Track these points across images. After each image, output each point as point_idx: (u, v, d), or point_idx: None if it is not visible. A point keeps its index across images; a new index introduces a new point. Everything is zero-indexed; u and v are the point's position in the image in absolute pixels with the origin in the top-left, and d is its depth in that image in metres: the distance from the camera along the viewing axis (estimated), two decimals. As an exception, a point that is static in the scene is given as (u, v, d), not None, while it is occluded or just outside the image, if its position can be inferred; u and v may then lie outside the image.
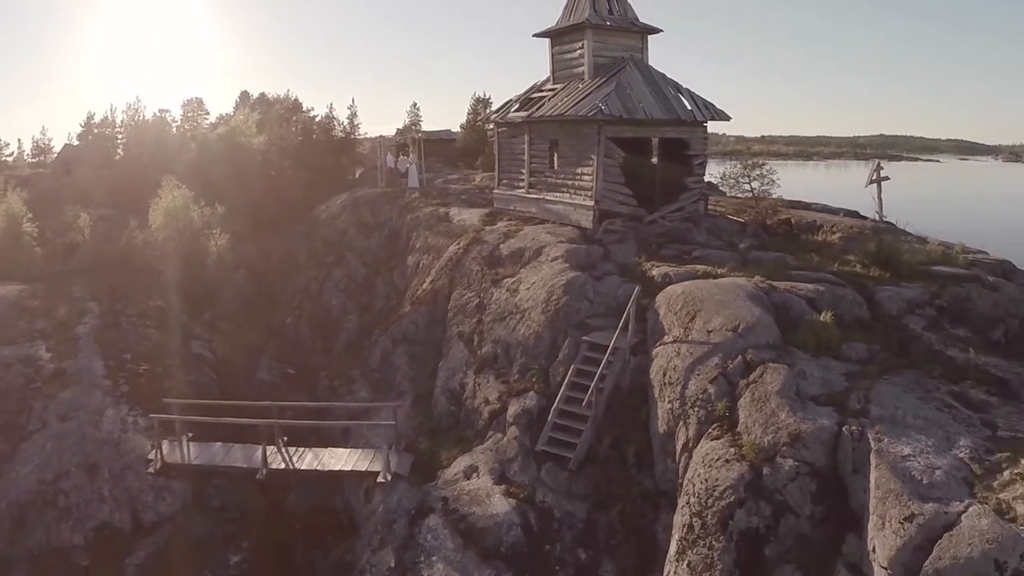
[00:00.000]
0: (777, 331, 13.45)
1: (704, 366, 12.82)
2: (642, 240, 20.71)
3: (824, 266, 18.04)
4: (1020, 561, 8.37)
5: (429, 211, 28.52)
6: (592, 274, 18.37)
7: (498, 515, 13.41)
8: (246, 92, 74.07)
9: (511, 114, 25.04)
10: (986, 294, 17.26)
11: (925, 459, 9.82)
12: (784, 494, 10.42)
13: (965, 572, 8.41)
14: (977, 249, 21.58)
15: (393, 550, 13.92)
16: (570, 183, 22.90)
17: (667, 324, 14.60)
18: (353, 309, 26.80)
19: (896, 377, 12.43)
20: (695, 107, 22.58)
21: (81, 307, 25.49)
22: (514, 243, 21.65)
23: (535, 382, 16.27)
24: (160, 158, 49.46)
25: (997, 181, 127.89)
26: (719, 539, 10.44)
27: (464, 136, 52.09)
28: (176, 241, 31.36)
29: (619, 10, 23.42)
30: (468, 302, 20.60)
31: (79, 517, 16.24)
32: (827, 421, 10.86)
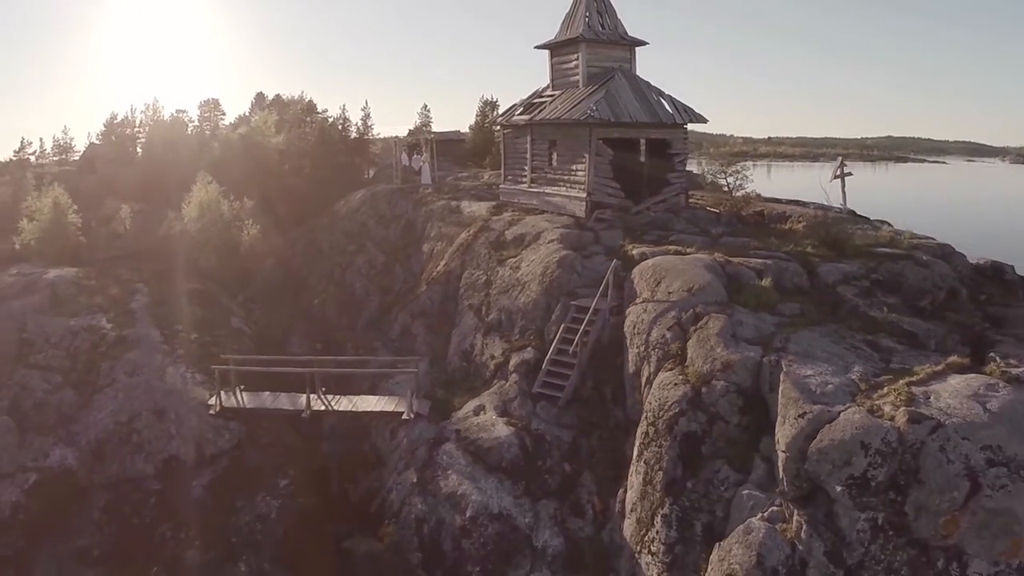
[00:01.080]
0: (724, 292, 16.85)
1: (664, 318, 16.24)
2: (628, 227, 24.12)
3: (780, 247, 21.38)
4: (880, 443, 11.73)
5: (442, 204, 31.98)
6: (582, 254, 21.81)
7: (500, 438, 16.87)
8: (262, 93, 77.96)
9: (515, 117, 28.57)
10: (918, 270, 20.60)
11: (822, 378, 13.20)
12: (717, 407, 13.82)
13: (838, 450, 11.79)
14: (924, 236, 24.97)
15: (415, 470, 17.39)
16: (566, 178, 26.38)
17: (639, 289, 18.03)
18: (374, 291, 30.30)
19: (818, 328, 15.79)
20: (675, 111, 26.03)
21: (130, 287, 28.98)
22: (517, 229, 25.11)
23: (532, 339, 19.74)
24: (182, 156, 53.44)
25: (989, 184, 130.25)
26: (667, 440, 13.85)
27: (473, 137, 55.69)
28: (209, 231, 34.95)
29: (610, 25, 26.91)
30: (477, 279, 24.06)
31: (150, 451, 19.76)
32: (753, 354, 14.26)
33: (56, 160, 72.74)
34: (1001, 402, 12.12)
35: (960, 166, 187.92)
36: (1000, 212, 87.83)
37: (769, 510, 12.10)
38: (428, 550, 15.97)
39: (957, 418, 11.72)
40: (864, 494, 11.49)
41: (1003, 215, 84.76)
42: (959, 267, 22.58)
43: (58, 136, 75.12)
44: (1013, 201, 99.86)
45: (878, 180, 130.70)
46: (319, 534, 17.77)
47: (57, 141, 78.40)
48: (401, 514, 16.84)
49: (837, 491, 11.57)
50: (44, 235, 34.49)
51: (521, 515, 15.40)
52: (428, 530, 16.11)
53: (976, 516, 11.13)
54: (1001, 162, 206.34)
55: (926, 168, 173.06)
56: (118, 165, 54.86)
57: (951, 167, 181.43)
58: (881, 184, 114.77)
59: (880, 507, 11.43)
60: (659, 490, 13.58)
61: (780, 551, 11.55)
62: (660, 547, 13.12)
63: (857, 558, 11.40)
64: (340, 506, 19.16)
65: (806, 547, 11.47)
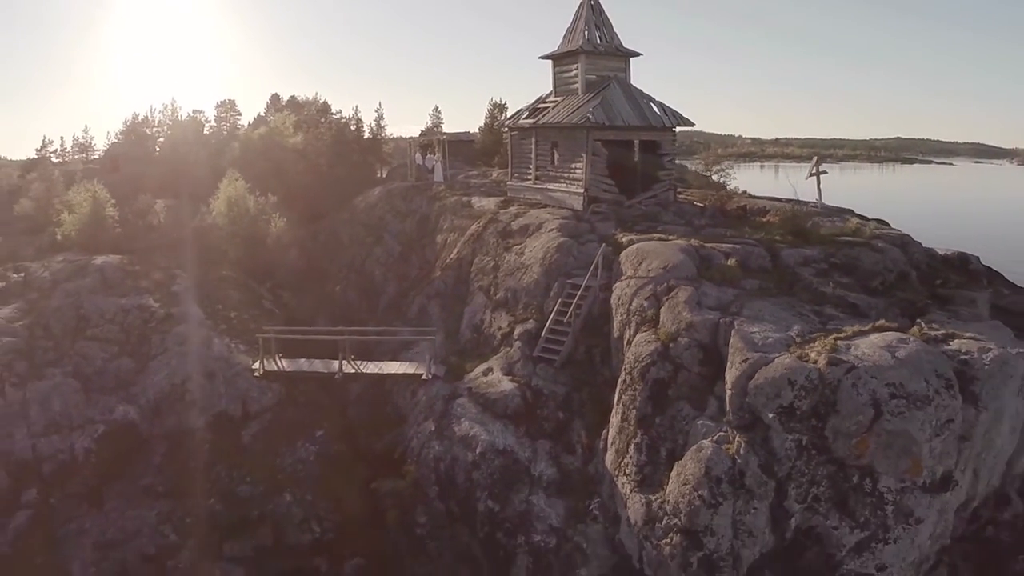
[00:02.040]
0: (695, 270, 20.08)
1: (643, 291, 19.47)
2: (621, 219, 27.34)
3: (752, 236, 24.63)
4: (804, 380, 14.92)
5: (454, 200, 35.28)
6: (578, 241, 25.05)
7: (505, 392, 20.16)
8: (277, 95, 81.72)
9: (521, 121, 31.88)
10: (872, 255, 23.75)
11: (765, 334, 16.43)
12: (681, 359, 17.05)
13: (771, 386, 15.00)
14: (894, 228, 28.18)
15: (433, 420, 20.70)
16: (566, 175, 29.66)
17: (624, 269, 21.27)
18: (392, 278, 33.63)
19: (772, 299, 19.01)
20: (664, 115, 29.29)
21: (170, 273, 32.30)
22: (522, 221, 28.36)
23: (533, 313, 23.01)
24: (202, 154, 57.00)
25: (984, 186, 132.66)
26: (640, 385, 17.09)
27: (482, 138, 59.14)
28: (237, 224, 38.33)
29: (606, 38, 30.19)
30: (486, 264, 27.35)
31: (202, 407, 23.11)
32: (712, 317, 17.48)
33: (78, 158, 76.62)
34: (908, 352, 15.35)
35: (967, 168, 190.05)
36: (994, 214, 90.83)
37: (717, 435, 15.35)
38: (444, 483, 19.28)
39: (868, 362, 14.95)
40: (791, 420, 14.73)
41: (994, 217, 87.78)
42: (915, 254, 25.73)
43: (77, 135, 79.08)
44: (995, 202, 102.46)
45: (877, 181, 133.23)
46: (350, 476, 21.09)
47: (77, 140, 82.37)
48: (421, 456, 20.15)
49: (770, 418, 14.81)
50: (84, 226, 37.84)
51: (522, 451, 18.67)
52: (444, 467, 19.42)
53: (880, 437, 14.35)
54: (1009, 164, 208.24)
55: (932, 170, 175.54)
56: (141, 163, 58.51)
57: (958, 169, 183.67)
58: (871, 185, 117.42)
59: (804, 431, 14.67)
60: (633, 425, 16.84)
61: (723, 464, 14.78)
62: (633, 469, 16.38)
63: (785, 471, 14.63)
64: (367, 456, 22.44)
65: (744, 461, 14.71)
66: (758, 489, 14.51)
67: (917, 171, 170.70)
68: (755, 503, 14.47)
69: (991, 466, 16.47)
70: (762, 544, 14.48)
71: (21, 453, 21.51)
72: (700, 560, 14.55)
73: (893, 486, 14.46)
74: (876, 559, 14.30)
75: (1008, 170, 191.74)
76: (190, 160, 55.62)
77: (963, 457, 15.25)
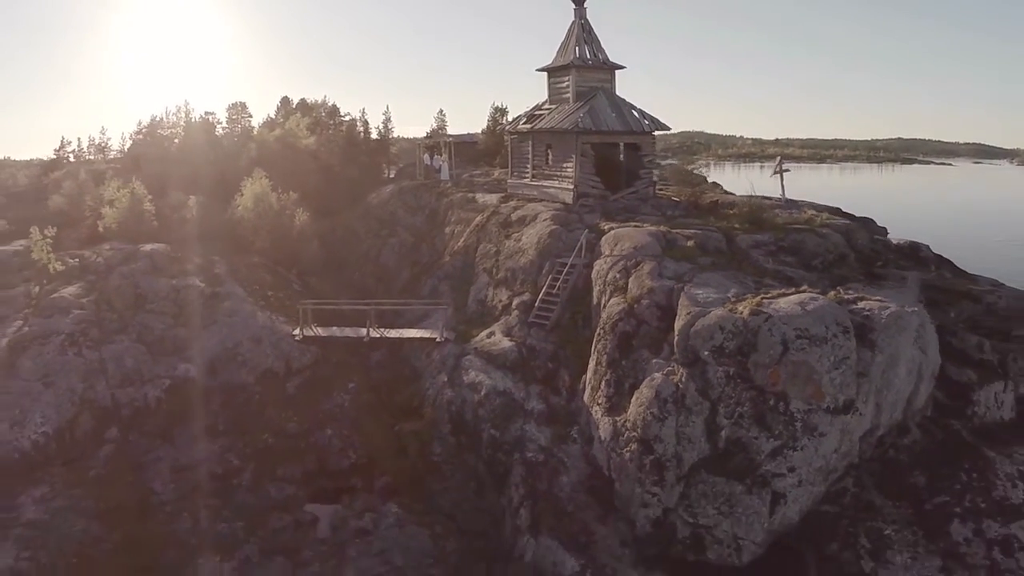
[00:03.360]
0: (660, 249, 25.15)
1: (616, 265, 24.55)
2: (605, 211, 32.42)
3: (715, 224, 29.70)
4: (731, 326, 19.95)
5: (460, 196, 40.41)
6: (567, 229, 30.14)
7: (505, 348, 25.26)
8: (287, 98, 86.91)
9: (519, 126, 37.05)
10: (816, 239, 28.82)
11: (707, 295, 21.49)
12: (643, 315, 22.12)
13: (706, 330, 20.00)
14: (843, 218, 33.33)
15: (446, 373, 25.80)
16: (559, 174, 34.78)
17: (603, 250, 26.36)
18: (405, 265, 38.76)
19: (721, 272, 24.03)
20: (644, 121, 34.43)
21: (209, 259, 37.30)
22: (520, 212, 33.46)
23: (528, 288, 28.10)
24: (219, 154, 62.12)
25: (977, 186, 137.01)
26: (611, 336, 22.17)
27: (485, 139, 64.41)
28: (263, 218, 43.45)
29: (594, 53, 35.34)
30: (489, 250, 32.45)
31: (252, 366, 28.17)
32: (669, 284, 22.56)
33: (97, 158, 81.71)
34: (815, 306, 20.38)
35: (966, 168, 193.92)
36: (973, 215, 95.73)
37: (666, 369, 20.43)
38: (455, 421, 24.38)
39: (782, 313, 20.00)
40: (721, 357, 19.78)
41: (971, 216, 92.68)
42: (857, 240, 30.79)
43: (93, 136, 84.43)
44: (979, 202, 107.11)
45: (868, 181, 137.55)
46: (378, 419, 26.17)
47: (92, 141, 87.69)
48: (436, 401, 25.27)
49: (705, 355, 19.87)
50: (124, 219, 42.93)
51: (518, 392, 23.77)
52: (455, 408, 24.52)
53: (788, 368, 19.38)
54: (1009, 164, 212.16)
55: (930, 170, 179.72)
56: (159, 162, 63.61)
57: (956, 169, 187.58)
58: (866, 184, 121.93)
59: (731, 365, 19.71)
60: (604, 367, 21.92)
61: (669, 389, 19.86)
62: (603, 399, 21.46)
63: (717, 394, 19.66)
64: (390, 407, 27.51)
65: (685, 387, 19.78)
66: (695, 408, 19.56)
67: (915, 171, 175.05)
68: (693, 418, 19.52)
69: (893, 402, 21.40)
70: (699, 450, 19.51)
71: (102, 401, 26.55)
72: (652, 462, 19.59)
73: (801, 407, 19.47)
74: (787, 463, 19.27)
75: (1006, 170, 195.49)
76: (209, 159, 60.76)
77: (863, 390, 20.21)
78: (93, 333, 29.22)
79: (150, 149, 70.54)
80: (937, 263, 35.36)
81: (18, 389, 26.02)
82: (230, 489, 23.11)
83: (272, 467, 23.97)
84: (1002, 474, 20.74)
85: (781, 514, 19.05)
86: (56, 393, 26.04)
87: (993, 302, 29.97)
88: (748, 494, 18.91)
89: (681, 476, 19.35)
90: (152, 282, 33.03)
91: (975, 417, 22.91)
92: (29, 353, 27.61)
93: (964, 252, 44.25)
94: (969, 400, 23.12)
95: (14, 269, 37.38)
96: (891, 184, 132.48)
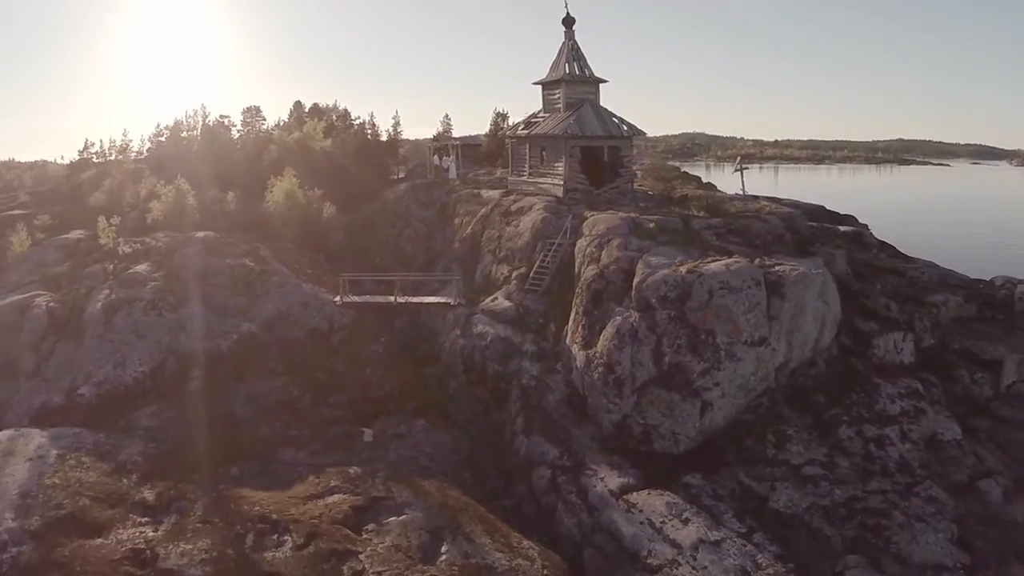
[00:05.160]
0: (627, 230, 33.31)
1: (593, 242, 32.72)
2: (590, 203, 40.60)
3: (678, 212, 37.91)
4: (672, 281, 28.12)
5: (467, 192, 48.64)
6: (557, 216, 38.31)
7: (506, 307, 33.48)
8: (299, 102, 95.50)
9: (518, 132, 45.38)
10: (759, 224, 37.02)
11: (659, 261, 29.67)
12: (610, 277, 30.26)
13: (655, 284, 28.17)
14: (787, 207, 41.64)
15: (459, 328, 33.99)
16: (551, 172, 43.02)
17: (584, 231, 34.56)
18: (420, 251, 46.97)
19: (674, 246, 32.16)
20: (623, 127, 42.70)
21: (252, 244, 45.48)
22: (518, 204, 41.67)
23: (524, 263, 36.28)
24: (240, 155, 70.41)
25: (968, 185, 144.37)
26: (586, 293, 30.35)
27: (488, 142, 72.93)
28: (293, 211, 51.71)
29: (582, 69, 43.62)
30: (492, 235, 40.66)
31: (301, 325, 36.29)
32: (632, 254, 30.81)
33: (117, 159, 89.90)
34: (737, 267, 28.52)
35: (962, 169, 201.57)
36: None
37: (625, 314, 28.64)
38: (466, 362, 32.55)
39: (711, 272, 28.15)
40: (666, 303, 27.94)
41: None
42: (798, 226, 39.10)
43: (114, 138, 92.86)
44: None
45: (859, 182, 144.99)
46: (405, 364, 34.33)
47: (113, 142, 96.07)
48: (451, 349, 33.47)
49: (653, 302, 28.06)
50: (169, 212, 51.17)
51: (515, 338, 31.92)
52: (466, 352, 32.70)
53: (712, 311, 27.57)
54: (1008, 165, 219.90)
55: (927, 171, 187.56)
56: (181, 163, 71.80)
57: (953, 170, 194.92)
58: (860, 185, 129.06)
59: (672, 309, 27.84)
60: (581, 315, 30.11)
61: (627, 326, 28.02)
62: (579, 339, 29.63)
63: (661, 330, 27.77)
64: (413, 357, 35.71)
65: (638, 325, 27.93)
66: (646, 340, 27.73)
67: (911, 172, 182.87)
68: (644, 348, 27.68)
69: (802, 341, 29.40)
70: (648, 371, 27.59)
71: (184, 350, 34.61)
72: (613, 380, 27.71)
73: (724, 340, 27.54)
74: (713, 380, 27.27)
75: (1003, 171, 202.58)
76: (233, 159, 69.13)
77: (775, 330, 28.27)
78: (169, 299, 37.31)
79: (171, 150, 79.00)
80: (879, 247, 43.95)
81: (116, 339, 34.17)
82: (294, 411, 31.19)
83: (325, 396, 32.07)
84: (884, 395, 28.77)
85: (709, 418, 27.06)
86: (147, 343, 34.16)
87: (916, 276, 38.52)
88: (684, 402, 26.95)
89: (635, 390, 27.46)
90: (210, 261, 41.12)
91: (874, 357, 30.95)
92: (120, 314, 35.72)
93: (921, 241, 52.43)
94: (870, 344, 31.22)
95: (83, 252, 45.92)
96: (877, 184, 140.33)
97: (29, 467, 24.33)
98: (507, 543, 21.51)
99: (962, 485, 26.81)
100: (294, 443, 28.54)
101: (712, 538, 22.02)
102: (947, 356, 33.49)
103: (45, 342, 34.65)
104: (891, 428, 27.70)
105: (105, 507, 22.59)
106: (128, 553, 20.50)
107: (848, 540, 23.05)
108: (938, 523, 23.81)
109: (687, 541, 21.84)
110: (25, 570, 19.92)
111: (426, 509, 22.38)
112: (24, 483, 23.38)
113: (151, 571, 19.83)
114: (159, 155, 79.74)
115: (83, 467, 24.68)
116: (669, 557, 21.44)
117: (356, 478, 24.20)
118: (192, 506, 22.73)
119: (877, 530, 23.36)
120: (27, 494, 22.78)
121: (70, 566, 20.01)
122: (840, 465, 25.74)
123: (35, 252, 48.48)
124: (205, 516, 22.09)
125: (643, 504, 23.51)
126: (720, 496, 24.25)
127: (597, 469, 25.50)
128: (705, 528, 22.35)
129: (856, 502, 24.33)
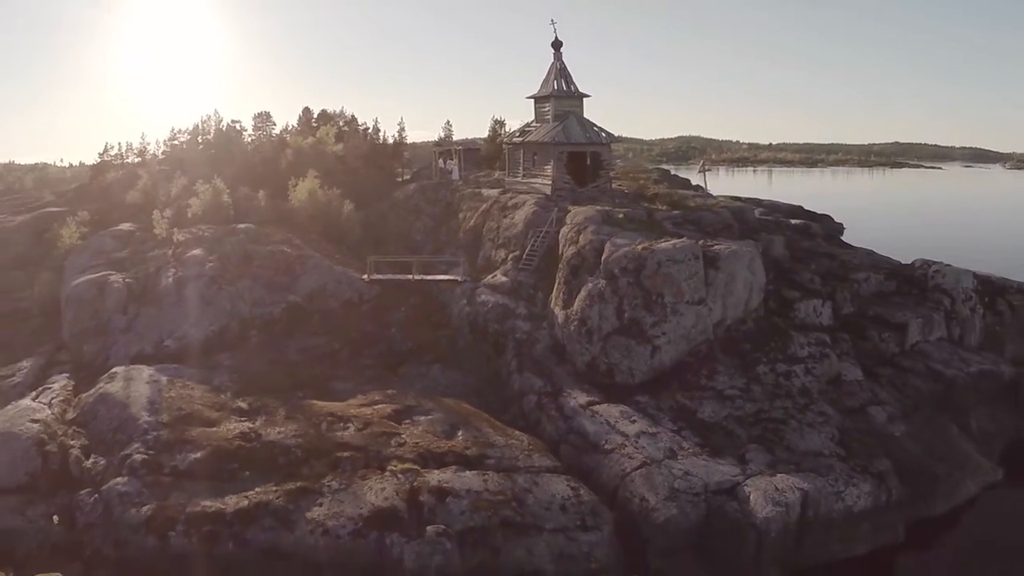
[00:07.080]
0: (601, 220, 43.63)
1: (573, 229, 42.97)
2: (575, 199, 50.81)
3: (645, 206, 48.32)
4: (631, 256, 38.49)
5: (469, 191, 59.02)
6: (545, 210, 48.57)
7: (503, 282, 43.77)
8: (308, 108, 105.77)
9: (514, 139, 55.90)
10: (711, 215, 47.56)
11: (624, 241, 39.93)
12: (585, 255, 40.50)
13: (618, 258, 38.42)
14: (742, 201, 52.32)
15: (465, 298, 44.28)
16: (541, 174, 53.45)
17: (567, 221, 45.00)
18: (429, 242, 57.32)
19: (637, 232, 42.53)
20: (602, 135, 53.18)
21: (284, 235, 55.80)
22: (513, 200, 52.00)
23: (518, 248, 46.54)
24: (256, 158, 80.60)
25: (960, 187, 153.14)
26: (567, 267, 40.56)
27: (486, 147, 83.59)
28: (315, 208, 62.05)
29: (568, 85, 54.08)
30: (492, 227, 51.02)
31: (337, 297, 46.50)
32: (603, 237, 41.03)
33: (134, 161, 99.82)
34: (680, 245, 38.90)
35: (954, 172, 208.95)
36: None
37: (596, 281, 39.00)
38: (471, 324, 42.83)
39: (660, 248, 38.46)
40: (625, 273, 38.20)
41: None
42: (746, 218, 49.78)
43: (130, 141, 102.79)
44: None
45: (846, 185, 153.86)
46: (422, 327, 44.64)
47: (130, 146, 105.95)
48: (459, 315, 43.83)
49: (616, 272, 38.40)
50: (207, 208, 61.40)
51: (511, 304, 42.19)
52: (471, 317, 43.00)
53: (661, 278, 37.96)
54: (1002, 168, 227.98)
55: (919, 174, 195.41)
56: (200, 165, 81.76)
57: (945, 173, 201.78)
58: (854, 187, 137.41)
59: (630, 277, 38.15)
60: (562, 284, 40.45)
61: (596, 290, 38.45)
62: (561, 302, 39.94)
63: (623, 293, 37.99)
64: (428, 323, 46.05)
65: (604, 288, 38.27)
66: (610, 300, 38.03)
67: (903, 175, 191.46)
68: (608, 306, 37.94)
69: (735, 303, 39.61)
70: (612, 324, 37.84)
71: (242, 315, 44.85)
72: (585, 331, 37.97)
73: (670, 300, 37.79)
74: (662, 330, 37.45)
75: (994, 174, 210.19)
76: (252, 162, 79.34)
77: (711, 294, 38.53)
78: (226, 276, 47.55)
79: (189, 153, 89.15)
80: (825, 237, 54.78)
81: (189, 306, 44.41)
82: (336, 360, 41.46)
83: (360, 349, 42.37)
84: (796, 343, 39.03)
85: (658, 359, 37.31)
86: (214, 309, 44.45)
87: (847, 260, 49.30)
88: (639, 346, 37.21)
89: (601, 337, 37.77)
90: (253, 248, 51.31)
91: (796, 318, 41.28)
92: (188, 288, 45.99)
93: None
94: (792, 308, 41.61)
95: (139, 240, 56.20)
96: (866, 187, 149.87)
97: (149, 387, 34.57)
98: (504, 432, 31.97)
99: (854, 409, 37.15)
100: (340, 379, 38.87)
101: (651, 431, 32.34)
102: (864, 321, 44.06)
103: (130, 307, 44.90)
104: (798, 366, 38.03)
105: (212, 410, 32.87)
106: (238, 434, 30.79)
107: (753, 437, 33.26)
108: (823, 428, 34.08)
109: (632, 432, 32.17)
110: (166, 444, 30.13)
111: (447, 412, 32.83)
112: (149, 395, 33.63)
113: (257, 443, 30.11)
114: (178, 157, 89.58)
115: (188, 387, 34.99)
116: (619, 443, 31.73)
117: (393, 395, 34.63)
118: (276, 411, 32.99)
119: (775, 431, 33.63)
120: (154, 402, 33.04)
121: (197, 441, 30.22)
122: (754, 390, 36.08)
123: (93, 241, 58.28)
124: (288, 415, 32.45)
125: (603, 412, 33.87)
126: (661, 408, 34.57)
127: (572, 392, 35.82)
128: (646, 425, 32.70)
129: (762, 413, 34.63)
